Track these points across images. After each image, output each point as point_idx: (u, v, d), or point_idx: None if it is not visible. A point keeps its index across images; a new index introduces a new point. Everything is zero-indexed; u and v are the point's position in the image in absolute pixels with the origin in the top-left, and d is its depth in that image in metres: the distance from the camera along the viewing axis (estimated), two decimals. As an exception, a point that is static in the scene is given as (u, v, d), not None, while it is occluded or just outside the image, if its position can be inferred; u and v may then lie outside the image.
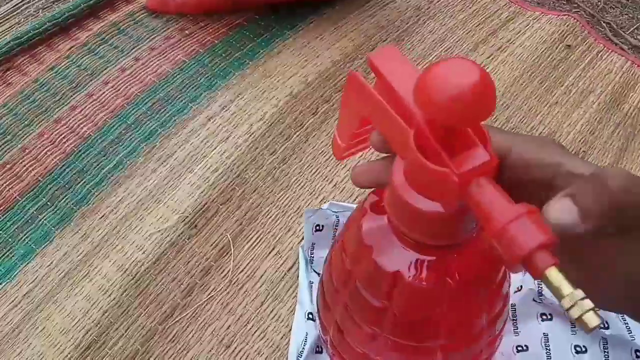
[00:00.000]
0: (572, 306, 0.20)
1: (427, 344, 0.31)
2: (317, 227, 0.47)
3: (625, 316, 0.41)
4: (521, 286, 0.43)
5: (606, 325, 0.41)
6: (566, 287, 0.21)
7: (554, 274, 0.21)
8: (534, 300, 0.42)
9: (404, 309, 0.30)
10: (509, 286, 0.34)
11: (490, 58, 0.64)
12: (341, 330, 0.35)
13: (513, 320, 0.42)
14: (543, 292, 0.42)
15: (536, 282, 0.43)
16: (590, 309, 0.20)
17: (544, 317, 0.42)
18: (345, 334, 0.35)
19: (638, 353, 0.40)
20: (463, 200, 0.23)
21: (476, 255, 0.29)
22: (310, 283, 0.46)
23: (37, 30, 0.64)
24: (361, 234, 0.31)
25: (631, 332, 0.40)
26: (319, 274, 0.47)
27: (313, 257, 0.48)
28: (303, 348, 0.43)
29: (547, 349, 0.40)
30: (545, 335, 0.41)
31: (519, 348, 0.40)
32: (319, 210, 0.47)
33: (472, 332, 0.31)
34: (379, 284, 0.30)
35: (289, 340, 0.45)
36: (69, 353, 0.44)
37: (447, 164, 0.23)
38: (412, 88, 0.23)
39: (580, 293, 0.20)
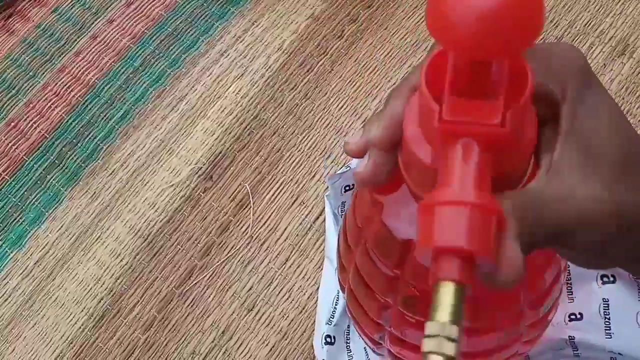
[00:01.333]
0: (432, 336, 0.15)
1: None
2: (347, 187, 0.41)
3: None
4: None
5: None
6: (444, 314, 0.15)
7: (447, 292, 0.15)
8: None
9: (416, 280, 0.25)
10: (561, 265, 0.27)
11: None
12: (355, 296, 0.30)
13: (567, 283, 0.34)
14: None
15: None
16: (448, 357, 0.15)
17: (605, 279, 0.34)
18: (360, 301, 0.30)
19: None
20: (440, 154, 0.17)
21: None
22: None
23: (36, -31, 0.59)
24: (391, 231, 0.25)
25: None
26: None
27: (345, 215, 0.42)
28: (334, 309, 0.39)
29: (606, 317, 0.33)
30: (605, 301, 0.33)
31: (572, 317, 0.33)
32: (345, 172, 0.40)
33: (503, 315, 0.25)
34: (389, 249, 0.25)
35: (316, 300, 0.41)
36: (82, 324, 0.42)
37: (439, 107, 0.16)
38: None
39: (454, 331, 0.15)
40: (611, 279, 0.34)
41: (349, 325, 0.39)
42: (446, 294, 0.15)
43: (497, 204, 0.16)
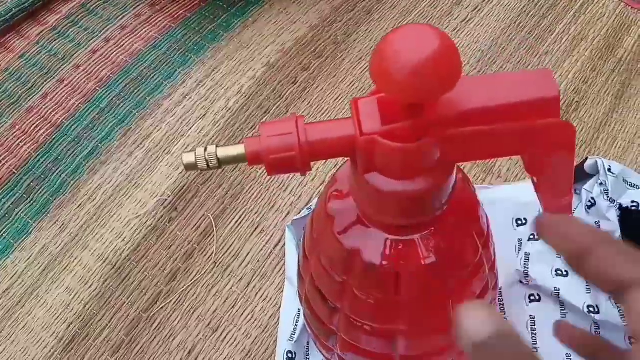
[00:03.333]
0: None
1: (387, 327, 0.30)
2: None
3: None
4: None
5: (596, 310, 0.39)
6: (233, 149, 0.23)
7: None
8: (520, 282, 0.41)
9: (361, 287, 0.29)
10: (495, 274, 0.32)
11: (476, 10, 0.61)
12: (310, 304, 0.34)
13: (500, 305, 0.40)
14: (529, 274, 0.41)
15: (521, 261, 0.41)
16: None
17: (532, 298, 0.40)
18: (314, 307, 0.34)
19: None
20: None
21: (442, 236, 0.27)
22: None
23: (3, 18, 0.62)
24: (326, 203, 0.29)
25: (623, 317, 0.38)
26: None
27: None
28: (295, 326, 0.42)
29: (532, 332, 0.38)
30: (532, 318, 0.39)
31: None
32: (307, 216, 0.44)
33: (439, 320, 0.29)
34: (338, 258, 0.29)
35: (278, 319, 0.44)
36: (52, 348, 0.43)
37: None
38: None
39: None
40: (537, 297, 0.40)
41: (308, 342, 0.42)
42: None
43: None
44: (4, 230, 0.49)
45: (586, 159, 0.44)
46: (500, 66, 0.56)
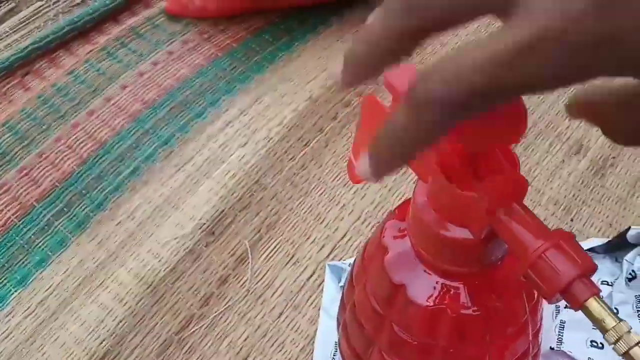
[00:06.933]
0: (617, 340, 0.19)
1: None
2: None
3: None
4: None
5: None
6: (609, 319, 0.19)
7: (595, 305, 0.19)
8: (550, 347, 0.40)
9: (400, 323, 0.29)
10: (538, 342, 0.32)
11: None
12: (347, 331, 0.34)
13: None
14: (563, 340, 0.40)
15: (556, 328, 0.41)
16: (637, 343, 0.18)
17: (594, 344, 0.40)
18: (350, 336, 0.34)
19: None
20: (491, 227, 0.22)
21: (491, 290, 0.27)
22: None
23: (56, 35, 0.64)
24: (382, 235, 0.30)
25: None
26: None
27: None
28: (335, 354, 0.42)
29: None
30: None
31: None
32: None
33: None
34: (384, 290, 0.29)
35: (308, 352, 0.44)
36: (83, 363, 0.43)
37: (474, 188, 0.22)
38: None
39: (625, 326, 0.19)
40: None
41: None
42: (596, 307, 0.19)
43: (563, 232, 0.20)
44: (43, 242, 0.50)
45: (629, 227, 0.44)
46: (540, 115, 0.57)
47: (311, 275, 0.48)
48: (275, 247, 0.49)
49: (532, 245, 0.20)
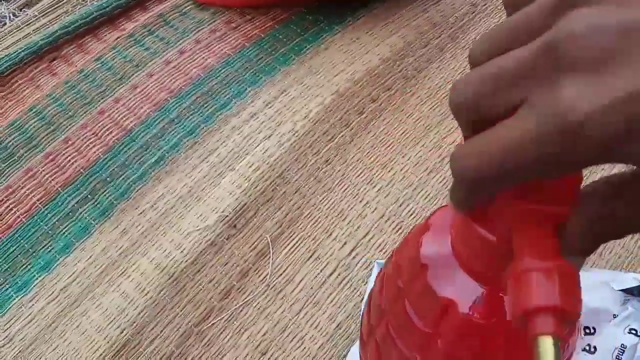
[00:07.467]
0: None
1: None
2: None
3: None
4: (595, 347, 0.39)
5: None
6: None
7: (547, 346, 0.18)
8: None
9: (449, 341, 0.28)
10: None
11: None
12: (380, 354, 0.33)
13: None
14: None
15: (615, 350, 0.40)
16: None
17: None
18: (382, 353, 0.33)
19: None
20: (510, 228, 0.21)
21: None
22: None
23: (84, 20, 0.64)
24: (419, 250, 0.29)
25: None
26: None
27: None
28: None
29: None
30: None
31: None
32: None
33: None
34: (429, 308, 0.28)
35: (327, 350, 0.44)
36: (103, 351, 0.44)
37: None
38: None
39: None
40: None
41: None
42: (547, 347, 0.18)
43: (570, 265, 0.19)
44: (67, 228, 0.50)
45: None
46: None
47: (332, 273, 0.47)
48: (296, 242, 0.49)
49: (527, 261, 0.20)
